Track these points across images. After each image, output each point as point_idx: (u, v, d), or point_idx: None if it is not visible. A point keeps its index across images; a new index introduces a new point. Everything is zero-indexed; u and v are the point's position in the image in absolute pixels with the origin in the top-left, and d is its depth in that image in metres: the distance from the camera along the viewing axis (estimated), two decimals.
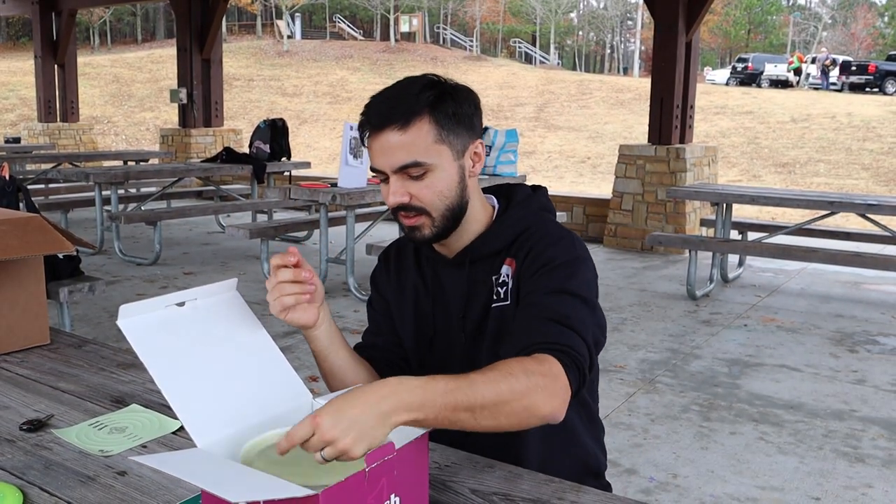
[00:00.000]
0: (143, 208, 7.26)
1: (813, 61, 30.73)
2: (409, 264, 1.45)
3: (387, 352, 1.43)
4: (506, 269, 1.33)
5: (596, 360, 1.22)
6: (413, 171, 1.25)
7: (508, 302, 1.31)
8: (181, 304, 1.07)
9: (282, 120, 7.60)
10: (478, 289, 1.35)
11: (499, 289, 1.33)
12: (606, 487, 1.47)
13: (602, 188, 12.39)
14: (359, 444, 0.89)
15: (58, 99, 12.27)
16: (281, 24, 40.23)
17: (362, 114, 1.28)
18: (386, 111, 1.24)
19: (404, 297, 1.44)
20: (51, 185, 8.97)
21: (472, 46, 41.28)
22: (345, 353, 1.31)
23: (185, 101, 10.38)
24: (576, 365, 1.13)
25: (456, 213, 1.31)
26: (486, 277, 1.34)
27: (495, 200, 1.40)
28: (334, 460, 0.90)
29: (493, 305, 1.33)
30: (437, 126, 1.25)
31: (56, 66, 12.13)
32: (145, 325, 1.02)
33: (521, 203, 1.38)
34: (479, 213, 1.36)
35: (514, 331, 1.22)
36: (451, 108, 1.26)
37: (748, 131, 18.41)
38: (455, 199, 1.29)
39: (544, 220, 1.35)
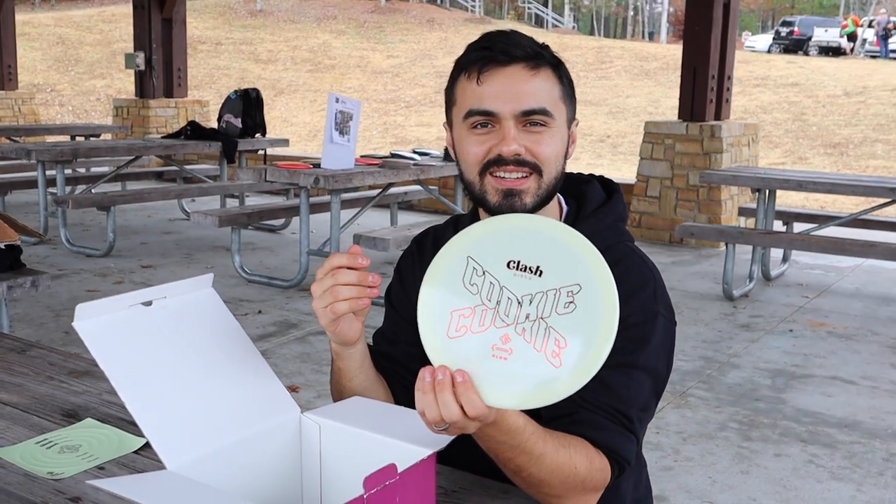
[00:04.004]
0: (93, 191, 7.23)
1: (870, 25, 30.70)
2: None
3: (403, 369, 1.37)
4: None
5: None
6: (538, 119, 1.24)
7: None
8: (148, 304, 1.06)
9: (255, 90, 7.59)
10: None
11: None
12: None
13: (624, 171, 12.39)
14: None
15: None
16: None
17: (477, 46, 1.27)
18: (518, 47, 1.25)
19: None
20: None
21: (474, 7, 41.21)
22: (373, 372, 1.29)
23: (142, 68, 10.34)
24: (620, 473, 1.22)
25: (555, 189, 1.30)
26: None
27: (563, 200, 1.38)
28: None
29: None
30: (560, 83, 1.28)
31: None
32: (106, 327, 1.01)
33: (594, 214, 1.35)
34: (553, 213, 1.35)
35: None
36: (567, 73, 1.31)
37: (794, 106, 18.40)
38: (560, 170, 1.30)
39: (623, 244, 1.34)
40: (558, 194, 1.38)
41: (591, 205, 1.36)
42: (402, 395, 1.34)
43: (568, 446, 1.13)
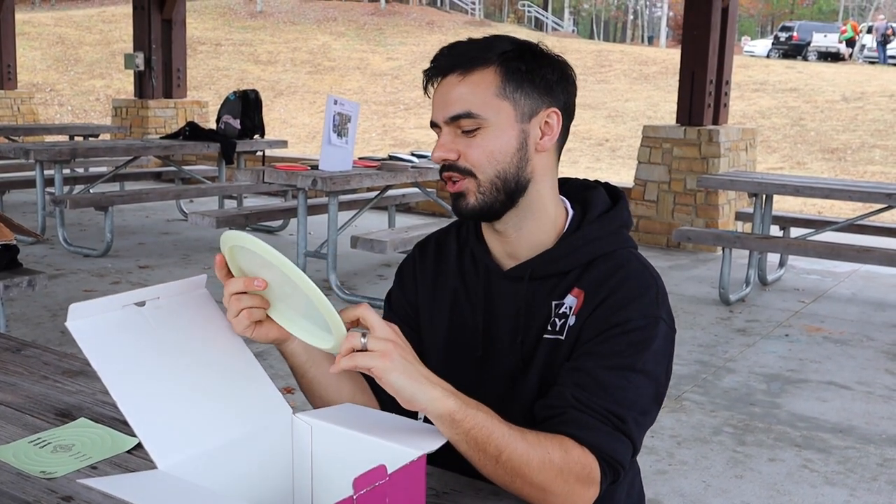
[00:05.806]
0: (91, 191, 7.24)
1: (869, 31, 30.73)
2: (451, 265, 1.43)
3: None
4: (571, 301, 1.31)
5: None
6: (465, 123, 1.26)
7: (563, 338, 1.30)
8: (141, 304, 1.07)
9: (254, 91, 7.59)
10: (534, 311, 1.33)
11: (556, 319, 1.31)
12: None
13: (622, 175, 12.40)
14: (392, 368, 1.06)
15: None
16: None
17: (432, 59, 1.31)
18: (455, 56, 1.29)
19: (440, 302, 1.42)
20: None
21: (474, 10, 41.23)
22: (327, 365, 1.29)
23: (141, 68, 10.34)
24: (614, 477, 1.21)
25: (509, 186, 1.29)
26: (546, 300, 1.33)
27: (568, 205, 1.39)
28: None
29: (545, 336, 1.31)
30: (502, 79, 1.27)
31: None
32: (99, 327, 1.01)
33: (599, 219, 1.35)
34: (550, 214, 1.35)
35: (562, 394, 1.23)
36: (526, 64, 1.29)
37: (792, 111, 18.42)
38: (509, 167, 1.28)
39: (626, 250, 1.35)
40: (564, 199, 1.38)
41: (595, 210, 1.36)
42: (390, 400, 1.32)
43: (535, 434, 1.15)
